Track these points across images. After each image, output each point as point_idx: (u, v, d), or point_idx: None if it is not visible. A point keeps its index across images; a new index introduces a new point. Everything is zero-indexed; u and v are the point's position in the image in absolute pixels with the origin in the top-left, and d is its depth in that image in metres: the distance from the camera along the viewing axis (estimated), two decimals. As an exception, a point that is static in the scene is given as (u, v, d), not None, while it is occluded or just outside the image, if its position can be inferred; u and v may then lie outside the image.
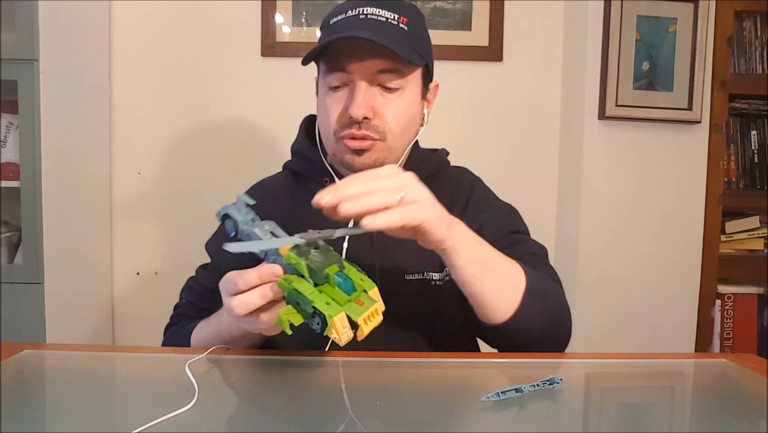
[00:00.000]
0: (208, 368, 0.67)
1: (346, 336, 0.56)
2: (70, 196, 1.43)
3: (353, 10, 0.79)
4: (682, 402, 0.68)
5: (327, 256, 0.60)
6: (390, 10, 0.79)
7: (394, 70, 0.79)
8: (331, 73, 0.81)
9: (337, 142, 0.82)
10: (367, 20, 0.78)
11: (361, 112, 0.78)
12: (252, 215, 0.67)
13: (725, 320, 1.59)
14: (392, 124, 0.81)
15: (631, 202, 1.56)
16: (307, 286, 0.57)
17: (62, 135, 1.38)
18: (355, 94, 0.79)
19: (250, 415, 0.56)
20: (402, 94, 0.81)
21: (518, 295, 0.73)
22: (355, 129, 0.79)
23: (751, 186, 1.60)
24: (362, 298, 0.60)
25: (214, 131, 1.68)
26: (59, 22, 1.35)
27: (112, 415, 0.58)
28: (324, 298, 0.57)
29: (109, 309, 1.68)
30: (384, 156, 0.83)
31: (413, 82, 0.83)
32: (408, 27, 0.80)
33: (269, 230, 0.65)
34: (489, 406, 0.57)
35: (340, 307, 0.57)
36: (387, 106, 0.80)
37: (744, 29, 1.59)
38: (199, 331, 0.81)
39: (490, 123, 1.70)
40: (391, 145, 0.82)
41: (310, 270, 0.58)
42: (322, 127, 0.85)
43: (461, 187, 0.93)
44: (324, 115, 0.84)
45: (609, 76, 1.50)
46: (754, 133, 1.60)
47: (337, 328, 0.55)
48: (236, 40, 1.65)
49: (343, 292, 0.59)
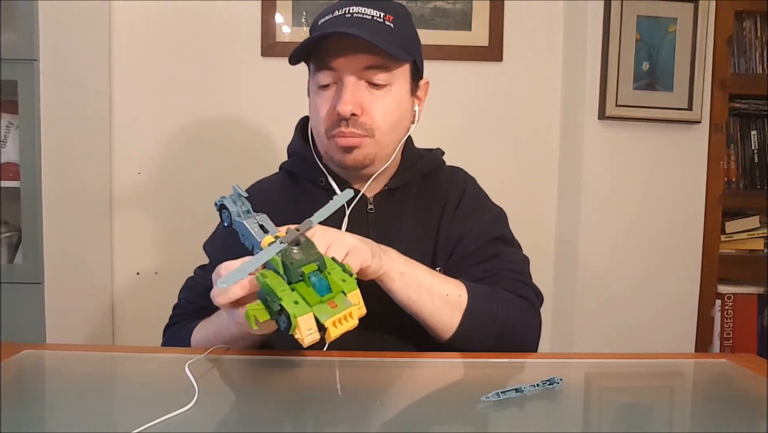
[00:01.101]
0: (207, 368, 0.67)
1: (310, 338, 0.55)
2: (70, 196, 1.43)
3: (340, 10, 0.81)
4: (682, 402, 0.68)
5: (307, 254, 0.59)
6: (376, 8, 0.80)
7: (380, 66, 0.80)
8: (319, 72, 0.82)
9: (328, 141, 0.83)
10: (353, 18, 0.79)
11: (348, 108, 0.79)
12: (246, 207, 0.67)
13: (725, 320, 1.59)
14: (380, 120, 0.82)
15: (631, 203, 1.56)
16: (280, 282, 0.57)
17: (62, 135, 1.38)
18: (342, 92, 0.79)
19: (250, 415, 0.56)
20: (390, 91, 0.82)
21: (458, 315, 0.77)
22: (344, 126, 0.80)
23: (751, 186, 1.60)
24: (337, 300, 0.58)
25: (214, 131, 1.67)
26: (59, 22, 1.35)
27: (112, 415, 0.58)
28: (294, 297, 0.56)
29: (109, 309, 1.68)
30: (374, 153, 0.83)
31: (401, 79, 0.84)
32: (394, 24, 0.81)
33: (259, 222, 0.65)
34: (489, 406, 0.57)
35: (309, 307, 0.56)
36: (375, 102, 0.81)
37: (744, 29, 1.59)
38: (199, 330, 0.81)
39: (490, 123, 1.70)
40: (381, 141, 0.83)
41: (284, 267, 0.57)
42: (314, 126, 0.86)
43: (455, 188, 0.93)
44: (314, 115, 0.85)
45: (609, 76, 1.50)
46: (754, 133, 1.60)
47: (300, 329, 0.54)
48: (236, 40, 1.65)
49: (316, 292, 0.57)
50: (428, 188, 0.92)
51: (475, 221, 0.89)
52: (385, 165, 0.87)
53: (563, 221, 1.68)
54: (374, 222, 0.88)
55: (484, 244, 0.87)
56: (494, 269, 0.85)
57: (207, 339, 0.78)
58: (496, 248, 0.88)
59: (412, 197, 0.91)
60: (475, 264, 0.86)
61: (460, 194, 0.92)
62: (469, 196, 0.93)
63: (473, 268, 0.85)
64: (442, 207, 0.91)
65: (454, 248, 0.88)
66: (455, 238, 0.88)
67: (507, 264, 0.86)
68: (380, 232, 0.87)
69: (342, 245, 0.66)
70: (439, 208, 0.91)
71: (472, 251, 0.87)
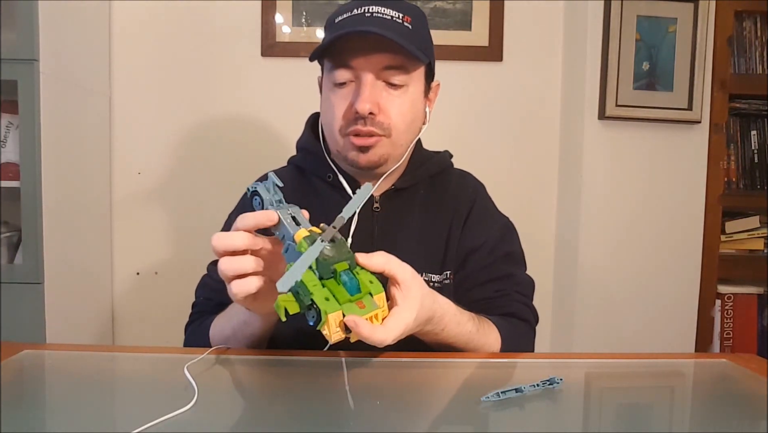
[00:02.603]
0: (207, 368, 0.67)
1: (337, 336, 0.56)
2: (70, 196, 1.43)
3: (359, 9, 0.80)
4: (682, 402, 0.68)
5: (339, 251, 0.59)
6: (394, 9, 0.80)
7: (399, 67, 0.80)
8: (336, 70, 0.81)
9: (342, 139, 0.82)
10: (373, 18, 0.79)
11: (366, 107, 0.78)
12: (279, 196, 0.66)
13: (725, 320, 1.59)
14: (397, 120, 0.82)
15: (631, 203, 1.56)
16: (312, 277, 0.57)
17: (62, 135, 1.38)
18: (360, 90, 0.79)
19: (250, 415, 0.56)
20: (406, 91, 0.82)
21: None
22: (361, 125, 0.80)
23: (751, 186, 1.60)
24: (365, 300, 0.59)
25: (214, 131, 1.68)
26: (59, 22, 1.35)
27: (112, 415, 0.58)
28: (325, 293, 0.57)
29: (109, 309, 1.68)
30: (388, 152, 0.83)
31: (417, 80, 0.84)
32: (412, 26, 0.81)
33: (291, 213, 0.64)
34: (489, 406, 0.57)
35: (339, 305, 0.56)
36: (392, 102, 0.81)
37: (744, 29, 1.59)
38: (216, 324, 0.82)
39: (490, 123, 1.70)
40: (396, 141, 0.83)
41: (317, 262, 0.57)
42: (327, 124, 0.86)
43: (465, 194, 0.94)
44: (329, 113, 0.84)
45: (609, 76, 1.50)
46: (754, 133, 1.60)
47: (329, 325, 0.55)
48: (236, 40, 1.65)
49: (346, 291, 0.58)
50: (436, 190, 0.93)
51: (486, 233, 0.91)
52: (396, 165, 0.87)
53: (563, 220, 1.68)
54: (379, 221, 0.88)
55: (497, 260, 0.90)
56: (505, 290, 0.88)
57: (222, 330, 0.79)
58: (508, 268, 0.91)
59: (419, 198, 0.91)
60: (488, 281, 0.89)
61: (470, 203, 0.93)
62: (480, 206, 0.94)
63: (487, 285, 0.88)
64: (452, 212, 0.91)
65: (465, 259, 0.89)
66: (467, 249, 0.89)
67: (517, 286, 0.90)
68: (385, 231, 0.87)
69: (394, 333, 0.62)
70: (448, 212, 0.91)
71: (485, 265, 0.89)
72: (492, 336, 0.80)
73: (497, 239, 0.91)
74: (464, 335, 0.75)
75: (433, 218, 0.90)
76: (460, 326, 0.74)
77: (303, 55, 1.62)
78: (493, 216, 0.96)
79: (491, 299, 0.87)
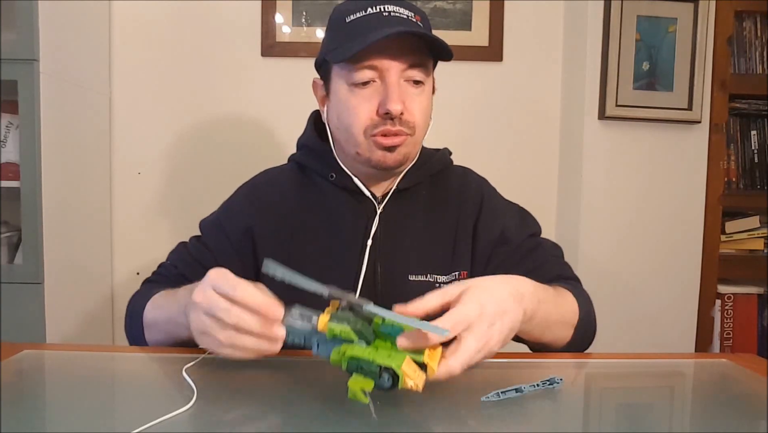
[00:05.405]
0: (206, 368, 0.67)
1: (420, 379, 0.54)
2: (70, 196, 1.43)
3: (373, 8, 0.79)
4: (683, 402, 0.68)
5: (360, 311, 0.57)
6: (406, 8, 0.80)
7: (421, 65, 0.80)
8: (358, 70, 0.79)
9: (366, 141, 0.81)
10: (392, 17, 0.78)
11: (399, 107, 0.78)
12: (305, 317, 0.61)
13: (725, 320, 1.59)
14: (419, 118, 0.82)
15: (631, 203, 1.56)
16: (361, 348, 0.55)
17: (62, 135, 1.38)
18: (390, 90, 0.78)
19: (249, 415, 0.56)
20: (424, 90, 0.83)
21: (570, 331, 0.80)
22: (390, 125, 0.79)
23: (751, 186, 1.60)
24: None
25: (214, 131, 1.68)
26: (59, 22, 1.35)
27: (112, 415, 0.58)
28: (382, 353, 0.55)
29: (109, 309, 1.68)
30: (411, 151, 0.84)
31: (430, 78, 0.85)
32: (423, 24, 0.81)
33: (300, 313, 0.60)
34: (489, 406, 0.57)
35: (402, 354, 0.54)
36: (414, 100, 0.81)
37: (744, 29, 1.59)
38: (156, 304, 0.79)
39: (490, 123, 1.70)
40: (417, 140, 0.84)
41: (358, 333, 0.55)
42: (345, 126, 0.82)
43: (470, 189, 0.93)
44: (349, 114, 0.81)
45: (609, 76, 1.50)
46: (754, 133, 1.60)
47: (408, 375, 0.53)
48: (236, 40, 1.65)
49: (392, 338, 0.56)
50: (438, 189, 0.92)
51: (505, 222, 0.91)
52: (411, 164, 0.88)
53: (563, 220, 1.68)
54: (383, 222, 0.87)
55: (524, 241, 0.91)
56: (540, 259, 0.90)
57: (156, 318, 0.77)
58: (534, 241, 0.92)
59: (422, 198, 0.90)
60: (522, 259, 0.89)
61: (479, 198, 0.92)
62: (489, 199, 0.94)
63: (521, 263, 0.88)
64: (458, 211, 0.90)
65: (491, 253, 0.89)
66: (491, 242, 0.89)
67: (549, 251, 0.92)
68: (388, 232, 0.86)
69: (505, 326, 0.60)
70: (453, 211, 0.90)
71: (514, 248, 0.89)
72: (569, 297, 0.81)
73: (518, 225, 0.92)
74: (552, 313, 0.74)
75: (439, 218, 0.90)
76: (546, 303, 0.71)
77: (303, 55, 1.62)
78: (506, 205, 0.96)
79: (530, 272, 0.83)
